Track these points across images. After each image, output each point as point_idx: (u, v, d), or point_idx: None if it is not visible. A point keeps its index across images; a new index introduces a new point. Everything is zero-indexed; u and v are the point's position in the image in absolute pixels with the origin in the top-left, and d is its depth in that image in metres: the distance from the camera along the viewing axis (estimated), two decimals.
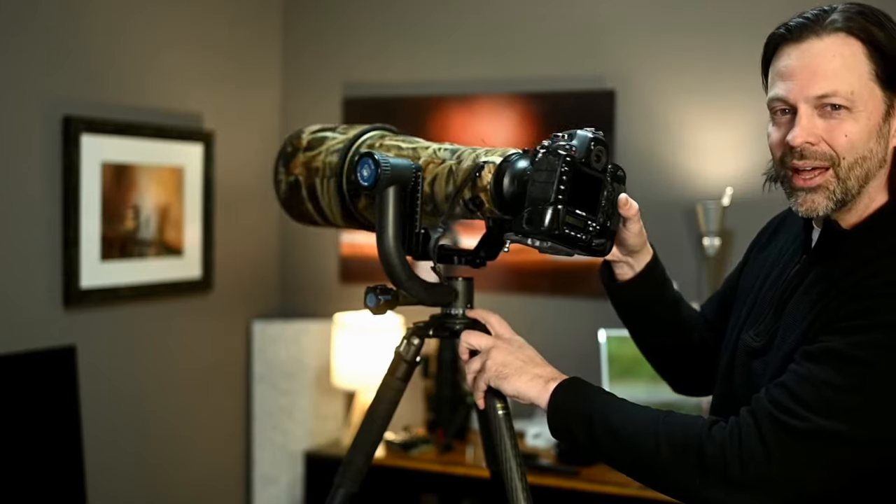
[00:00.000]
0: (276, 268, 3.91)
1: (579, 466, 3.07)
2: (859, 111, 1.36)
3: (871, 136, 1.36)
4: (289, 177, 1.66)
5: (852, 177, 1.36)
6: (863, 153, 1.36)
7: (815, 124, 1.37)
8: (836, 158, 1.36)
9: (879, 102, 1.37)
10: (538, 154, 1.39)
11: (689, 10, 3.34)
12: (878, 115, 1.37)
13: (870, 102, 1.36)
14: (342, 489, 1.58)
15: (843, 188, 1.37)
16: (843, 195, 1.37)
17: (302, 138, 1.67)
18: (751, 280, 1.59)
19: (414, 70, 3.72)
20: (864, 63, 1.36)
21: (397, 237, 1.47)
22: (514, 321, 1.68)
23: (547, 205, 1.34)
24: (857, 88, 1.35)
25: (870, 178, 1.38)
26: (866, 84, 1.36)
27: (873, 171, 1.38)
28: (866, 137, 1.36)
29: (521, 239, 1.39)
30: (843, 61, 1.35)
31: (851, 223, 1.41)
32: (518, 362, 1.50)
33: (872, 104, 1.36)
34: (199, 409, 3.52)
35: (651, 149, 3.36)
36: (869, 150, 1.37)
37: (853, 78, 1.35)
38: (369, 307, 1.54)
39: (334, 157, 1.60)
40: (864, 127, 1.36)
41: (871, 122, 1.36)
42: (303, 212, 1.67)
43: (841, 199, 1.37)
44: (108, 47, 3.09)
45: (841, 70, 1.35)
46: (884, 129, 1.37)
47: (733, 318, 1.59)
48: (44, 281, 2.89)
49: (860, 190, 1.38)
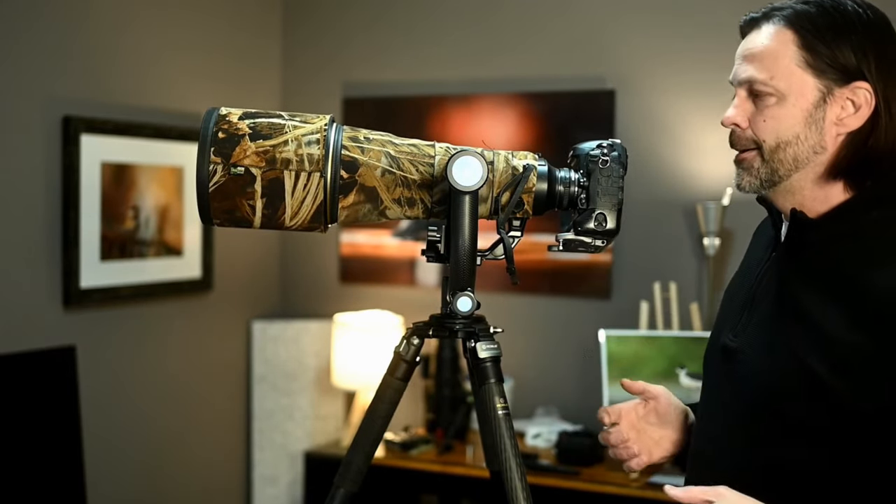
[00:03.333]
0: (276, 268, 3.91)
1: (579, 466, 3.07)
2: (784, 97, 1.40)
3: (797, 121, 1.40)
4: (230, 167, 1.47)
5: (775, 160, 1.42)
6: (787, 137, 1.41)
7: (747, 108, 1.44)
8: (758, 141, 1.43)
9: (811, 90, 1.40)
10: (599, 160, 1.51)
11: (689, 11, 3.34)
12: (807, 102, 1.40)
13: (797, 89, 1.40)
14: (342, 489, 1.58)
15: (767, 169, 1.43)
16: (769, 175, 1.43)
17: (232, 122, 1.48)
18: (731, 286, 1.62)
19: (414, 70, 3.72)
20: (792, 51, 1.40)
21: (473, 241, 1.49)
22: (514, 321, 1.68)
23: (614, 208, 1.51)
24: (780, 74, 1.40)
25: (800, 163, 1.42)
26: (794, 71, 1.40)
27: (804, 157, 1.41)
28: (791, 123, 1.40)
29: (580, 240, 1.53)
30: (769, 50, 1.42)
31: (818, 212, 1.44)
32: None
33: (800, 91, 1.40)
34: (199, 409, 3.52)
35: (651, 149, 3.36)
36: (794, 136, 1.41)
37: (776, 65, 1.40)
38: None
39: (314, 150, 1.48)
40: (789, 113, 1.40)
41: (797, 108, 1.40)
42: (233, 206, 1.48)
43: (767, 178, 1.44)
44: (108, 47, 3.09)
45: (766, 57, 1.42)
46: (816, 116, 1.40)
47: (716, 322, 1.61)
48: (44, 281, 2.89)
49: (790, 173, 1.42)
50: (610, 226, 1.52)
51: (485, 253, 1.57)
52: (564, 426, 3.32)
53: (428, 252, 1.59)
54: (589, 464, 3.09)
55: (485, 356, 1.55)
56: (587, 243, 1.53)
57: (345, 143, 1.51)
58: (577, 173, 1.54)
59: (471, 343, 1.56)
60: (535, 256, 3.41)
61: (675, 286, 3.25)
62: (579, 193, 1.52)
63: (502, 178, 1.52)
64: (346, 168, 1.50)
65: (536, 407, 3.49)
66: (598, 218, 1.51)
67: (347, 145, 1.50)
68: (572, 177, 1.54)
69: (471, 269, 1.49)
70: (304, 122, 1.51)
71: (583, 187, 1.52)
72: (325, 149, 1.49)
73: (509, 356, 2.08)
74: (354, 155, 1.51)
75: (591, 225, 1.52)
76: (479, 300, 1.52)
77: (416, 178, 1.52)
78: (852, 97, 1.39)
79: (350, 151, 1.51)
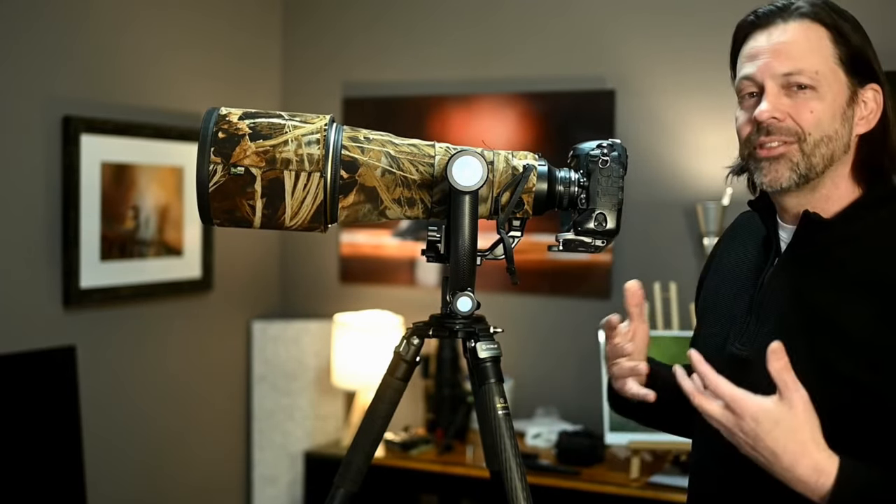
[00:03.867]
0: (276, 268, 3.91)
1: (579, 466, 3.07)
2: (825, 91, 1.39)
3: (835, 116, 1.40)
4: (230, 167, 1.47)
5: (817, 154, 1.39)
6: (828, 132, 1.39)
7: (782, 101, 1.41)
8: (801, 133, 1.40)
9: (844, 86, 1.40)
10: (599, 160, 1.51)
11: (689, 11, 3.34)
12: (842, 98, 1.40)
13: (835, 84, 1.40)
14: (342, 489, 1.58)
15: (807, 163, 1.40)
16: (807, 171, 1.40)
17: (232, 122, 1.48)
18: (716, 292, 1.59)
19: (414, 70, 3.72)
20: (828, 46, 1.40)
21: (473, 241, 1.48)
22: (514, 321, 1.68)
23: (614, 208, 1.52)
24: (822, 69, 1.39)
25: (834, 160, 1.41)
26: (831, 66, 1.40)
27: (838, 154, 1.41)
28: (831, 117, 1.40)
29: (580, 240, 1.53)
30: (809, 43, 1.40)
31: (831, 213, 1.42)
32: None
33: (837, 86, 1.40)
34: (198, 409, 3.52)
35: (651, 149, 3.36)
36: (834, 131, 1.40)
37: (818, 59, 1.39)
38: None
39: (314, 150, 1.48)
40: (829, 107, 1.39)
41: (836, 103, 1.40)
42: (233, 206, 1.48)
43: (804, 174, 1.40)
44: (108, 47, 3.09)
45: (806, 50, 1.40)
46: (848, 114, 1.41)
47: (708, 331, 1.57)
48: (44, 281, 2.89)
49: (824, 170, 1.40)
50: (610, 226, 1.52)
51: (485, 253, 1.57)
52: (564, 426, 3.32)
53: (428, 252, 1.59)
54: (589, 464, 3.09)
55: (485, 356, 1.55)
56: (587, 243, 1.54)
57: (345, 143, 1.51)
58: (577, 173, 1.54)
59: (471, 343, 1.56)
60: (535, 256, 3.41)
61: (675, 286, 3.24)
62: (579, 193, 1.52)
63: (502, 178, 1.52)
64: (346, 168, 1.50)
65: (536, 407, 3.49)
66: (598, 218, 1.52)
67: (347, 145, 1.50)
68: (572, 177, 1.54)
69: (471, 269, 1.49)
70: (304, 122, 1.51)
71: (583, 187, 1.52)
72: (325, 149, 1.49)
73: (509, 356, 2.08)
74: (354, 155, 1.51)
75: (591, 225, 1.53)
76: (479, 300, 1.51)
77: (416, 178, 1.52)
78: (866, 99, 1.41)
79: (350, 151, 1.51)
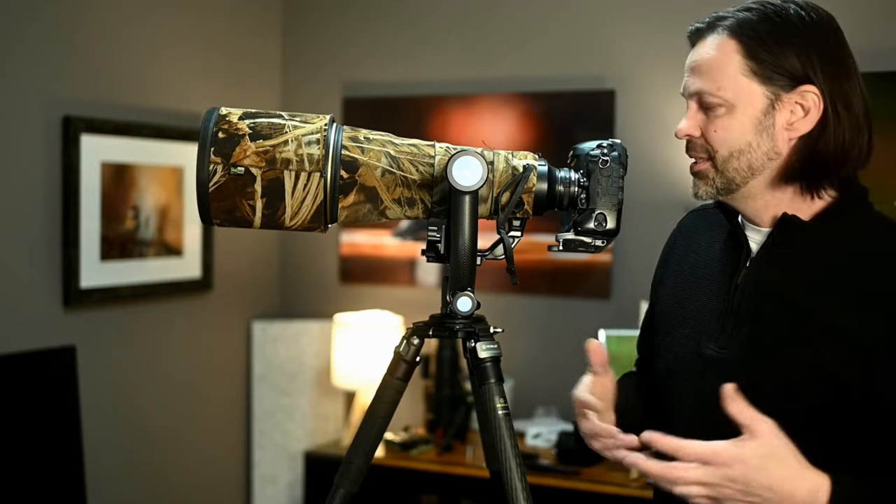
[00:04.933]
0: (276, 268, 3.91)
1: (579, 466, 3.07)
2: (733, 107, 1.41)
3: (747, 130, 1.41)
4: (230, 167, 1.47)
5: (730, 169, 1.44)
6: (739, 146, 1.42)
7: (698, 118, 1.46)
8: (711, 151, 1.45)
9: (758, 97, 1.41)
10: (599, 160, 1.51)
11: (689, 11, 3.33)
12: (755, 110, 1.41)
13: (744, 98, 1.41)
14: (342, 489, 1.58)
15: (722, 179, 1.45)
16: (725, 184, 1.45)
17: (232, 122, 1.48)
18: (681, 292, 1.59)
19: (414, 70, 3.72)
20: (737, 61, 1.41)
21: (473, 241, 1.48)
22: (514, 321, 1.68)
23: (614, 208, 1.52)
24: (727, 85, 1.41)
25: (756, 170, 1.43)
26: (740, 81, 1.41)
27: (758, 163, 1.42)
28: (742, 131, 1.42)
29: (580, 240, 1.54)
30: (715, 60, 1.44)
31: (770, 213, 1.45)
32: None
33: (748, 100, 1.41)
34: (199, 409, 3.52)
35: (651, 149, 3.36)
36: (747, 144, 1.42)
37: (723, 76, 1.42)
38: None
39: (314, 150, 1.48)
40: (739, 122, 1.42)
41: (746, 116, 1.41)
42: (233, 206, 1.48)
43: (724, 187, 1.45)
44: (108, 47, 3.09)
45: (712, 69, 1.43)
46: (766, 123, 1.41)
47: (679, 332, 1.56)
48: (44, 281, 2.89)
49: (746, 181, 1.44)
50: (610, 226, 1.52)
51: (485, 253, 1.57)
52: (564, 426, 3.32)
53: (428, 252, 1.59)
54: (589, 464, 3.09)
55: (485, 356, 1.55)
56: (587, 243, 1.54)
57: (345, 143, 1.51)
58: (577, 173, 1.54)
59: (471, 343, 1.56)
60: (535, 256, 3.41)
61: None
62: (579, 193, 1.52)
63: (502, 178, 1.52)
64: (346, 168, 1.50)
65: (536, 407, 3.49)
66: (598, 218, 1.52)
67: (347, 145, 1.50)
68: (572, 177, 1.54)
69: (471, 269, 1.49)
70: (304, 122, 1.51)
71: (583, 187, 1.52)
72: (325, 149, 1.49)
73: (509, 356, 2.08)
74: (354, 155, 1.51)
75: (591, 225, 1.53)
76: (479, 300, 1.51)
77: (416, 178, 1.52)
78: (801, 101, 1.40)
79: (350, 151, 1.51)
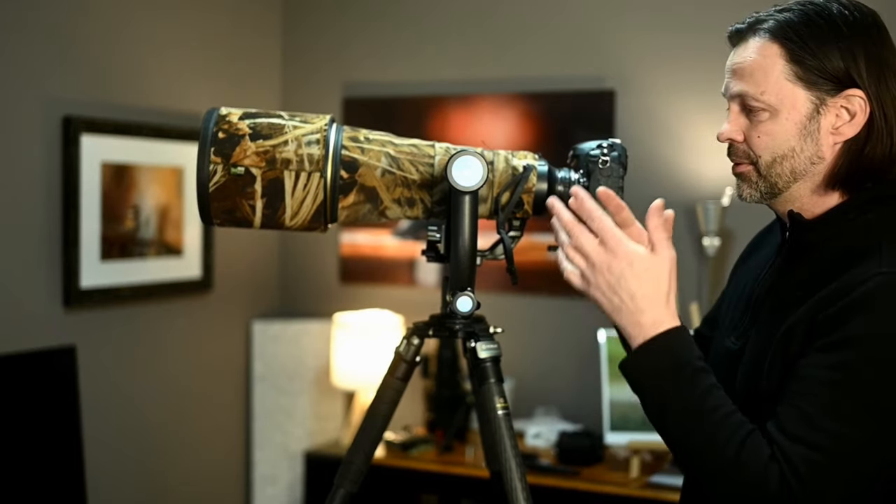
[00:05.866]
0: (276, 268, 3.91)
1: (579, 466, 3.08)
2: (776, 112, 1.39)
3: (791, 135, 1.40)
4: (230, 167, 1.47)
5: (773, 174, 1.42)
6: (782, 152, 1.40)
7: (741, 122, 1.43)
8: (753, 156, 1.43)
9: (802, 102, 1.39)
10: (599, 160, 1.52)
11: (689, 10, 3.34)
12: (799, 115, 1.39)
13: (788, 103, 1.39)
14: (342, 489, 1.58)
15: (766, 183, 1.43)
16: (769, 188, 1.44)
17: (232, 122, 1.49)
18: (736, 291, 1.61)
19: (414, 70, 3.72)
20: (780, 65, 1.39)
21: (473, 241, 1.48)
22: (514, 321, 1.68)
23: None
24: (770, 90, 1.39)
25: (798, 175, 1.41)
26: (784, 85, 1.39)
27: (801, 168, 1.41)
28: (785, 137, 1.40)
29: None
30: (757, 64, 1.40)
31: (814, 214, 1.44)
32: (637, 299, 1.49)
33: (792, 104, 1.39)
34: (199, 410, 3.52)
35: (651, 149, 3.36)
36: (790, 149, 1.40)
37: (766, 80, 1.39)
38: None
39: (314, 150, 1.49)
40: (782, 127, 1.40)
41: (790, 121, 1.39)
42: (233, 206, 1.49)
43: (767, 191, 1.44)
44: (108, 47, 3.09)
45: (755, 72, 1.40)
46: (810, 127, 1.39)
47: (720, 327, 1.60)
48: (44, 281, 2.89)
49: (789, 184, 1.42)
50: None
51: (485, 253, 1.58)
52: (564, 426, 3.32)
53: (428, 252, 1.59)
54: (589, 464, 3.09)
55: (485, 356, 1.55)
56: None
57: (345, 144, 1.51)
58: (577, 173, 1.55)
59: (471, 343, 1.57)
60: (535, 256, 3.41)
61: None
62: None
63: (502, 178, 1.53)
64: (346, 168, 1.50)
65: (536, 407, 3.49)
66: None
67: (347, 145, 1.51)
68: (572, 177, 1.55)
69: (471, 269, 1.49)
70: (304, 122, 1.51)
71: (583, 187, 1.52)
72: (325, 149, 1.49)
73: (509, 356, 2.08)
74: (354, 155, 1.51)
75: None
76: (479, 300, 1.52)
77: (416, 178, 1.53)
78: (846, 105, 1.38)
79: (350, 151, 1.51)
